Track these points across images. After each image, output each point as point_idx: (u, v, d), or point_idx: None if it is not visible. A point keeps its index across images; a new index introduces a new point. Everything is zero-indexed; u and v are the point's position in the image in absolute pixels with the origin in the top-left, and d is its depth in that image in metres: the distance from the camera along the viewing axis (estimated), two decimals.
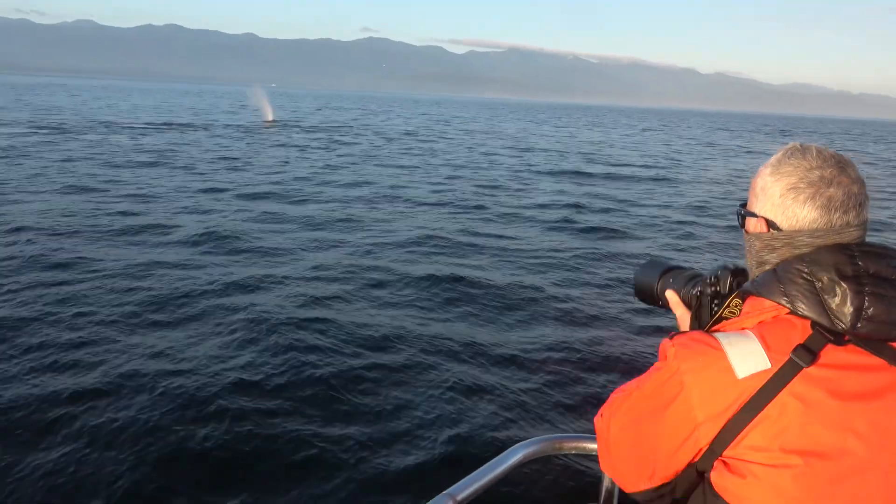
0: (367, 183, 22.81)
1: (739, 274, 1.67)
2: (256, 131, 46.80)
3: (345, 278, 11.02)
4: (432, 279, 11.00)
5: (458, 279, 11.02)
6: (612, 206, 20.18)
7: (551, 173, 28.79)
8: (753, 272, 1.57)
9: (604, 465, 1.59)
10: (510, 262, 12.68)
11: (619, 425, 1.51)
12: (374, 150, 36.74)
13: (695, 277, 1.82)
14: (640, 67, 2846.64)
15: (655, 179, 28.43)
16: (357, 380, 7.20)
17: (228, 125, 51.23)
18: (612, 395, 1.57)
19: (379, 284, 10.75)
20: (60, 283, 9.97)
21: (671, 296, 1.83)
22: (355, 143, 40.11)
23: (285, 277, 10.89)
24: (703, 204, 21.71)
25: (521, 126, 76.27)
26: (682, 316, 1.77)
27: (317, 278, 10.98)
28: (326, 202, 18.64)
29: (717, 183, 28.46)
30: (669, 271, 1.93)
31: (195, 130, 44.30)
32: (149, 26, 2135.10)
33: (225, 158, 28.10)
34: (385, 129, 57.95)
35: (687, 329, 1.72)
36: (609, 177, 28.45)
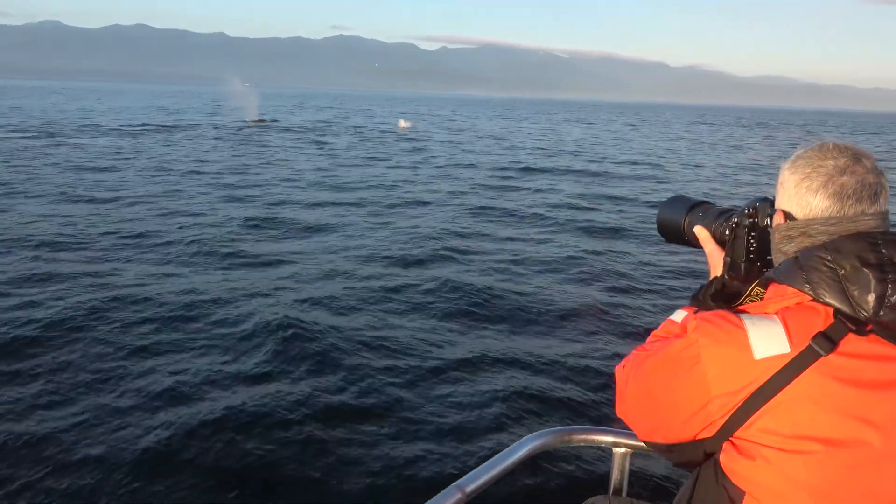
0: (370, 186, 22.85)
1: None
2: (246, 131, 46.39)
3: (357, 281, 11.12)
4: (442, 281, 11.07)
5: (466, 282, 11.05)
6: (612, 205, 20.34)
7: (546, 170, 28.93)
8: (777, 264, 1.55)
9: (619, 412, 1.63)
10: (515, 262, 12.75)
11: (636, 383, 1.54)
12: (378, 148, 37.37)
13: (727, 212, 1.74)
14: (611, 61, 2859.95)
15: (649, 176, 28.65)
16: (364, 378, 7.29)
17: (217, 125, 50.72)
18: (634, 352, 1.60)
19: (387, 288, 10.78)
20: (52, 296, 9.69)
21: (700, 231, 1.78)
22: (359, 141, 40.82)
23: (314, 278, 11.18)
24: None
25: (506, 124, 76.06)
26: (713, 252, 1.74)
27: (330, 279, 11.17)
28: (338, 204, 18.77)
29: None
30: (697, 206, 1.84)
31: (189, 130, 44.23)
32: (116, 26, 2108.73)
33: (231, 167, 26.62)
34: (375, 126, 58.44)
35: (717, 267, 1.71)
36: (606, 174, 28.64)
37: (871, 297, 1.31)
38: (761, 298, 1.50)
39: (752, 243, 1.62)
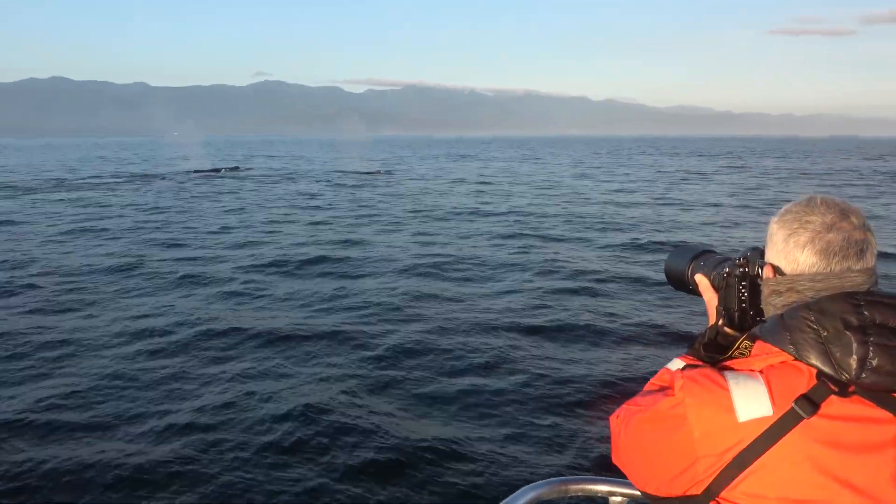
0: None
1: None
2: (218, 181, 45.54)
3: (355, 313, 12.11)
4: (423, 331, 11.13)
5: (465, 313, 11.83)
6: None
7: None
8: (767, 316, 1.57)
9: (615, 460, 1.65)
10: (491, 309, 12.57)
11: (627, 436, 1.57)
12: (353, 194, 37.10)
13: (726, 261, 1.79)
14: (534, 98, 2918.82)
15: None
16: (350, 429, 7.45)
17: (179, 174, 51.45)
18: (626, 405, 1.63)
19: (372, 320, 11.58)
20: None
21: (701, 280, 1.81)
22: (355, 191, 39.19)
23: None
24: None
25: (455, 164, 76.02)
26: (711, 300, 1.77)
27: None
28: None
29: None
30: (700, 255, 1.90)
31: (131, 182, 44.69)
32: (31, 80, 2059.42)
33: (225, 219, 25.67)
34: (337, 170, 59.09)
35: (714, 313, 1.73)
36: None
37: (853, 360, 1.32)
38: (749, 353, 1.54)
39: (743, 292, 1.65)
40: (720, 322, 1.68)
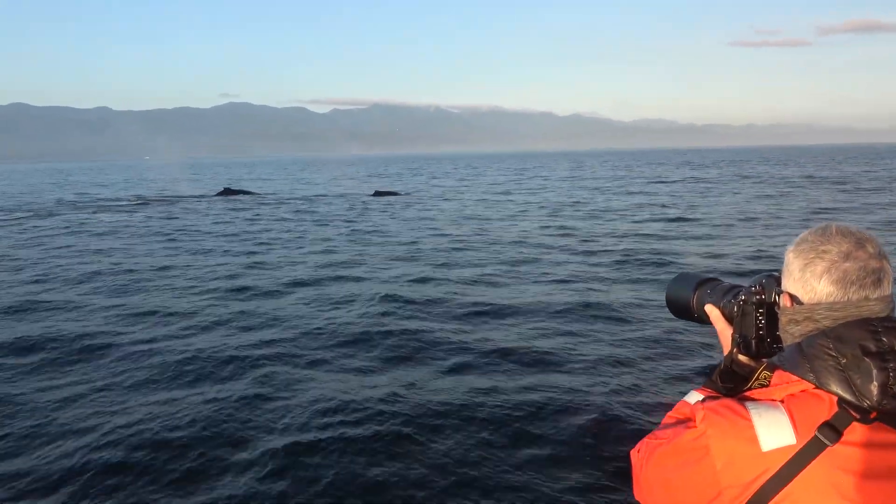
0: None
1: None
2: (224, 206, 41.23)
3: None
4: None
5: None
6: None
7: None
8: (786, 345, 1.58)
9: (637, 496, 1.64)
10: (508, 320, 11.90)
11: (648, 470, 1.57)
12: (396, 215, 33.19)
13: (734, 288, 1.78)
14: (500, 114, 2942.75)
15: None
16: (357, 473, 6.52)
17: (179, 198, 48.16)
18: (647, 439, 1.63)
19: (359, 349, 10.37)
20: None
21: (711, 310, 1.80)
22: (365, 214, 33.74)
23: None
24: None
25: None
26: (724, 331, 1.76)
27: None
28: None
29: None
30: (704, 283, 1.88)
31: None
32: None
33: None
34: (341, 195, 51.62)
35: (728, 344, 1.73)
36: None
37: (874, 386, 1.33)
38: (768, 382, 1.54)
39: (760, 320, 1.64)
40: (735, 351, 1.68)
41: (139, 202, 45.54)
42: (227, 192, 52.41)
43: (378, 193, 48.91)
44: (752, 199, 37.43)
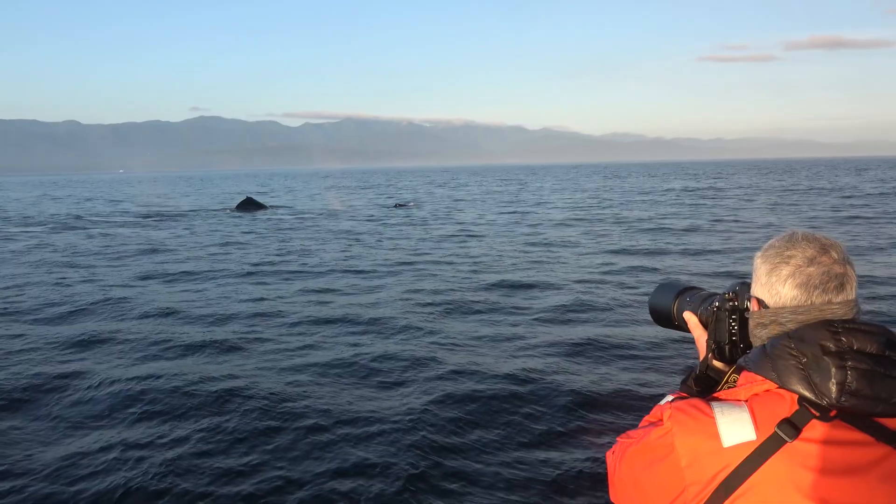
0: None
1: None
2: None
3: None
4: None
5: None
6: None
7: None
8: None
9: (612, 497, 1.67)
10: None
11: (621, 470, 1.60)
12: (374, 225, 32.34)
13: (712, 296, 1.82)
14: (471, 128, 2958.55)
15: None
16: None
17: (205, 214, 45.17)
18: (619, 439, 1.68)
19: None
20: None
21: (689, 317, 1.85)
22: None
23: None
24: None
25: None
26: (700, 337, 1.81)
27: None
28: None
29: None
30: (685, 292, 1.93)
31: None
32: None
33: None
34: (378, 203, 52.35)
35: (704, 349, 1.78)
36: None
37: (833, 384, 1.36)
38: (736, 384, 1.57)
39: (733, 326, 1.67)
40: (710, 356, 1.73)
41: (158, 217, 41.93)
42: (248, 203, 49.63)
43: (399, 206, 48.56)
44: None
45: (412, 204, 50.40)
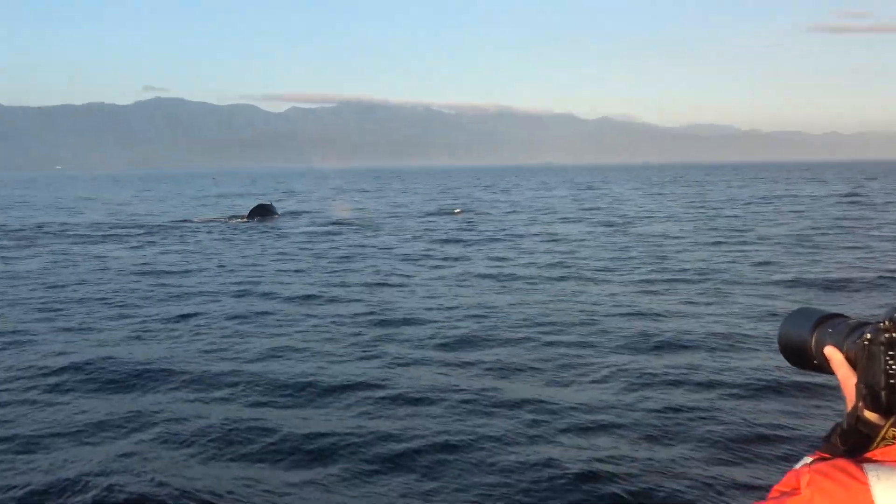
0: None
1: None
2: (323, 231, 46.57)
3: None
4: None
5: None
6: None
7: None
8: None
9: None
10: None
11: None
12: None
13: (862, 326, 1.77)
14: (508, 116, 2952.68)
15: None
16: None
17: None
18: None
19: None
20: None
21: (832, 352, 1.80)
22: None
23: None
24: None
25: None
26: (846, 378, 1.76)
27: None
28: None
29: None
30: (826, 321, 1.89)
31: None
32: None
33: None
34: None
35: (852, 395, 1.72)
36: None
37: None
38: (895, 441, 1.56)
39: (891, 365, 1.61)
40: (861, 405, 1.68)
41: (155, 229, 45.72)
42: (260, 211, 54.00)
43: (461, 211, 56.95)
44: None
45: (459, 211, 57.71)
